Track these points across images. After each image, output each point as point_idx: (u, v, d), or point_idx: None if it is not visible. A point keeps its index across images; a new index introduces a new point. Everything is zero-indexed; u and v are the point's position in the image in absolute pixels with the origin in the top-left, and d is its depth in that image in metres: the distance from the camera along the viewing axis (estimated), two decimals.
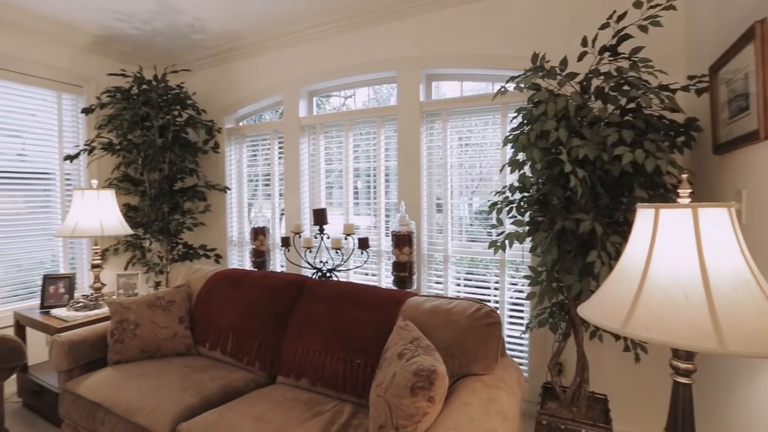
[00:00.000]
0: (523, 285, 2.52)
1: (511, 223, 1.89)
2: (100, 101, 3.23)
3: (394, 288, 2.36)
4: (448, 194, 2.70)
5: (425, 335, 1.76)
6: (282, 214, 3.42)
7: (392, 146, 2.92)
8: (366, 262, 2.65)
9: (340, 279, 2.60)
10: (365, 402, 1.81)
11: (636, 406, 2.22)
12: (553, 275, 1.85)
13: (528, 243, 2.11)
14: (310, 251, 2.59)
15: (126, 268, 3.36)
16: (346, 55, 2.99)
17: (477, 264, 2.68)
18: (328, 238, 2.57)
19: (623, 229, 1.70)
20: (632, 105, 1.76)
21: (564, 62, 1.79)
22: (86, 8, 2.84)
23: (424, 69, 2.72)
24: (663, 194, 1.69)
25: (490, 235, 2.61)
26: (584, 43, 1.76)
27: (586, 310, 1.10)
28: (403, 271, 2.40)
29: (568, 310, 1.89)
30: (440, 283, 2.75)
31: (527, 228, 1.87)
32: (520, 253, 2.46)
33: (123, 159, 3.33)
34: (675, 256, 0.95)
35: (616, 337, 1.86)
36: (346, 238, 2.51)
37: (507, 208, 1.95)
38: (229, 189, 3.60)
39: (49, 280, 2.79)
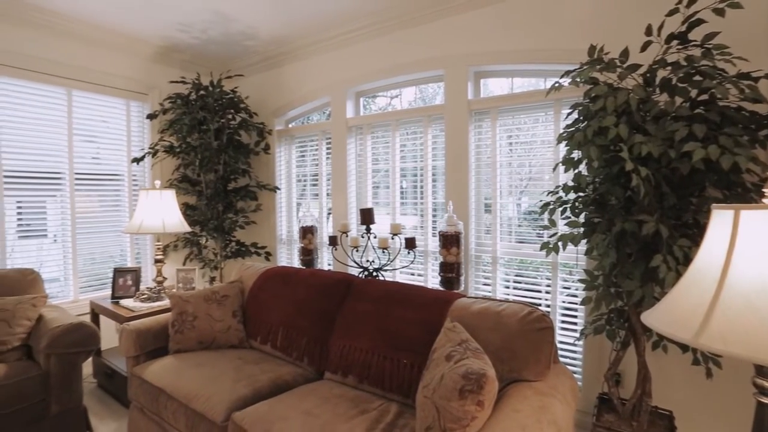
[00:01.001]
0: (577, 289, 2.40)
1: (565, 225, 1.80)
2: (162, 107, 3.45)
3: (441, 289, 2.33)
4: (497, 194, 2.63)
5: (473, 337, 1.73)
6: (329, 213, 3.49)
7: (439, 146, 2.89)
8: (413, 262, 2.64)
9: (386, 278, 2.61)
10: (411, 402, 1.81)
11: (706, 426, 2.04)
12: (611, 280, 1.75)
13: (583, 245, 2.00)
14: (357, 250, 2.62)
15: (184, 264, 3.57)
16: (393, 56, 3.00)
17: (527, 266, 2.59)
18: (374, 237, 2.59)
19: (693, 231, 1.57)
20: (704, 97, 1.62)
21: (625, 53, 1.68)
22: (152, 22, 3.05)
23: (473, 66, 2.67)
24: (741, 194, 1.54)
25: (540, 237, 2.51)
26: (648, 31, 1.64)
27: (652, 318, 1.02)
28: (451, 271, 2.37)
29: (627, 318, 1.77)
30: (488, 285, 2.68)
31: (582, 229, 1.78)
32: (574, 255, 2.35)
33: (182, 161, 3.54)
34: (760, 262, 0.86)
35: (684, 348, 1.72)
36: (392, 238, 2.51)
37: (560, 209, 1.86)
38: (278, 189, 3.72)
39: (118, 272, 3.02)
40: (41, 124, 3.03)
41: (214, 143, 3.30)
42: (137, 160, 3.33)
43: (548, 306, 2.45)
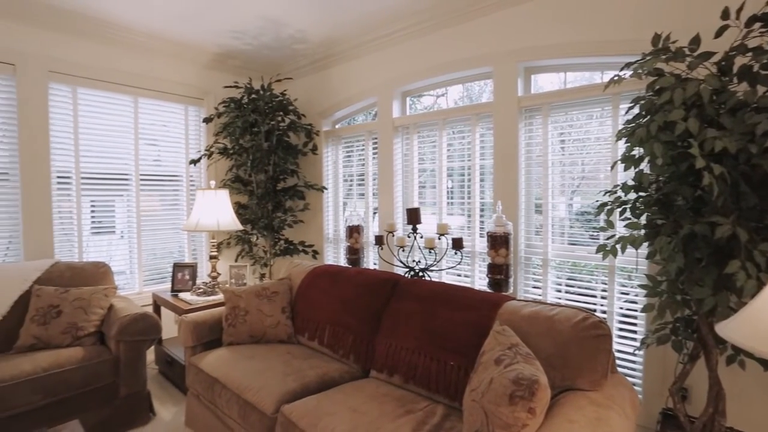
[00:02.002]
0: (636, 295, 2.25)
1: (624, 226, 1.70)
2: (217, 111, 3.63)
3: (489, 291, 2.27)
4: (548, 194, 2.53)
5: (524, 342, 1.67)
6: (375, 213, 3.51)
7: (487, 144, 2.82)
8: (460, 262, 2.60)
9: (433, 279, 2.59)
10: (458, 405, 1.78)
11: None
12: (678, 286, 1.62)
13: (644, 248, 1.88)
14: (403, 250, 2.61)
15: (236, 260, 3.73)
16: (439, 54, 2.96)
17: (580, 269, 2.46)
18: (421, 237, 2.57)
19: None
20: None
21: (695, 41, 1.55)
22: (209, 31, 3.22)
23: (522, 62, 2.58)
24: None
25: (595, 239, 2.38)
26: (725, 15, 1.50)
27: (729, 329, 0.94)
28: (499, 273, 2.31)
29: (697, 328, 1.64)
30: (538, 288, 2.58)
31: (644, 232, 1.67)
32: (634, 259, 2.21)
33: (235, 162, 3.70)
34: None
35: (766, 365, 1.56)
36: (439, 238, 2.48)
37: (619, 210, 1.75)
38: (325, 189, 3.80)
39: (177, 267, 3.21)
40: (112, 130, 3.29)
41: (264, 144, 3.43)
42: (194, 162, 3.52)
43: (604, 312, 2.32)
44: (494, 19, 2.67)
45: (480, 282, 2.83)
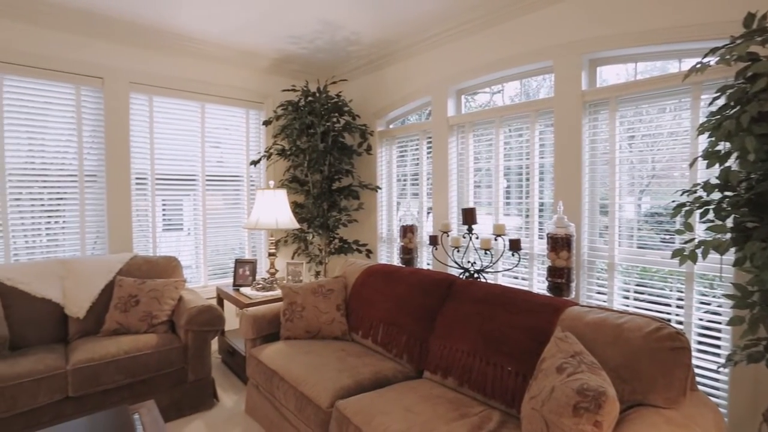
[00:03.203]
0: (720, 306, 2.04)
1: (706, 230, 1.54)
2: (276, 114, 3.78)
3: (549, 295, 2.17)
4: (615, 193, 2.36)
5: (588, 350, 1.57)
6: (429, 213, 3.49)
7: (547, 142, 2.70)
8: (517, 264, 2.50)
9: (488, 281, 2.52)
10: (515, 412, 1.71)
11: None
12: None
13: (731, 254, 1.70)
14: (458, 251, 2.57)
15: (293, 258, 3.87)
16: (496, 50, 2.88)
17: (651, 275, 2.28)
18: (476, 238, 2.51)
19: None
20: None
21: None
22: (269, 38, 3.36)
23: (586, 54, 2.43)
24: None
25: (668, 242, 2.19)
26: None
27: None
28: (560, 277, 2.19)
29: None
30: (603, 293, 2.43)
31: (730, 235, 1.50)
32: (717, 265, 2.00)
33: (292, 162, 3.84)
34: None
35: None
36: (495, 239, 2.41)
37: (699, 211, 1.60)
38: (379, 188, 3.83)
39: (239, 263, 3.39)
40: (182, 135, 3.54)
41: (320, 145, 3.52)
42: (254, 163, 3.70)
43: (680, 323, 2.13)
44: (555, 10, 2.55)
45: (539, 285, 2.71)
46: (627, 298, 2.35)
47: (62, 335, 2.57)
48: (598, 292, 2.45)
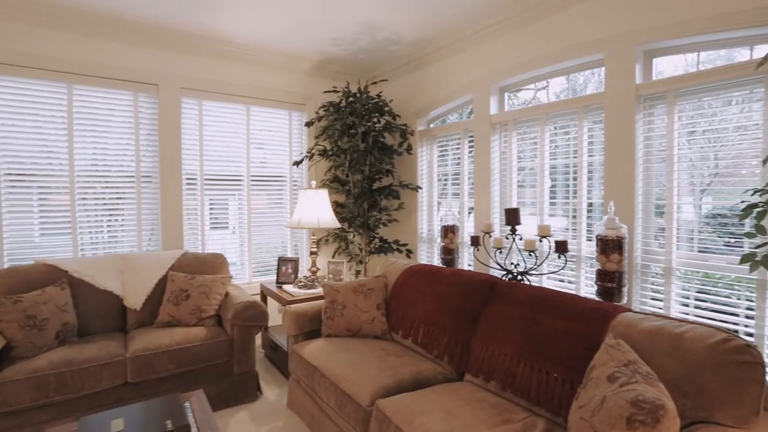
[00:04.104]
0: None
1: None
2: (317, 115, 3.85)
3: (599, 299, 2.07)
4: (673, 193, 2.21)
5: (643, 360, 1.48)
6: (470, 213, 3.43)
7: (596, 139, 2.58)
8: (563, 267, 2.41)
9: (532, 283, 2.44)
10: (561, 421, 1.64)
11: None
12: None
13: None
14: (501, 252, 2.50)
15: (333, 257, 3.92)
16: (540, 44, 2.78)
17: (715, 282, 2.11)
18: (520, 239, 2.44)
19: None
20: None
21: None
22: (310, 40, 3.43)
23: (641, 45, 2.30)
24: None
25: (735, 246, 2.02)
26: None
27: None
28: (610, 281, 2.09)
29: None
30: (658, 300, 2.28)
31: None
32: None
33: (333, 162, 3.90)
34: None
35: None
36: (540, 240, 2.33)
37: None
38: (420, 188, 3.81)
39: (281, 261, 3.48)
40: (228, 136, 3.69)
41: (361, 146, 3.55)
42: (297, 163, 3.78)
43: (750, 335, 1.96)
44: (605, 0, 2.42)
45: (586, 290, 2.59)
46: (686, 305, 2.20)
47: (121, 325, 2.75)
48: (653, 299, 2.31)
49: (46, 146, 2.98)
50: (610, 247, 2.10)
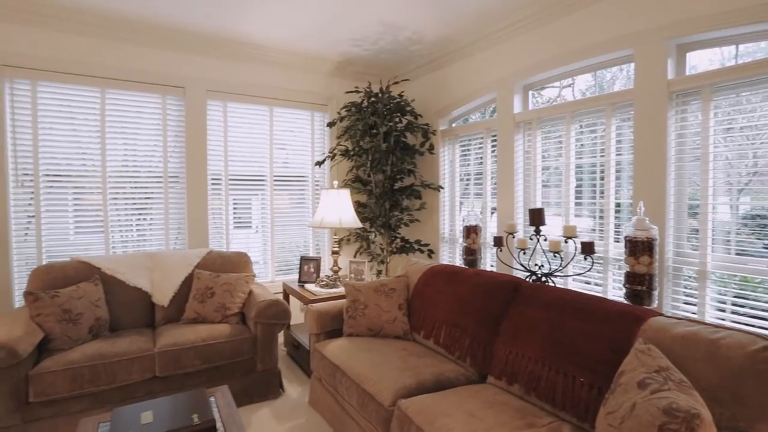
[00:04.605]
0: None
1: None
2: (339, 115, 3.87)
3: (627, 302, 2.00)
4: (708, 193, 2.12)
5: (676, 366, 1.43)
6: (493, 213, 3.38)
7: (625, 137, 2.50)
8: (590, 269, 2.34)
9: (557, 285, 2.38)
10: (588, 427, 1.60)
11: None
12: None
13: None
14: (524, 253, 2.46)
15: (355, 256, 3.94)
16: (566, 41, 2.72)
17: (755, 286, 2.02)
18: (544, 240, 2.39)
19: None
20: None
21: None
22: (332, 42, 3.46)
23: (673, 39, 2.21)
24: None
25: None
26: None
27: None
28: (640, 284, 2.02)
29: None
30: (691, 304, 2.19)
31: None
32: None
33: (355, 163, 3.91)
34: None
35: None
36: (566, 241, 2.28)
37: None
38: (442, 188, 3.78)
39: (304, 260, 3.52)
40: (252, 137, 3.75)
41: (382, 145, 3.55)
42: (319, 164, 3.82)
43: None
44: None
45: (614, 292, 2.52)
46: (722, 311, 2.10)
47: (150, 321, 2.84)
48: (686, 303, 2.22)
49: (80, 148, 3.10)
50: (639, 248, 2.03)
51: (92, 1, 2.74)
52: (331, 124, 3.89)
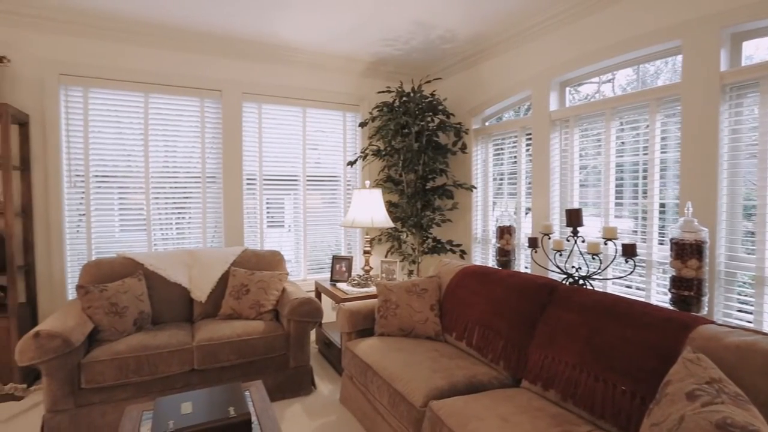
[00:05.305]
0: None
1: None
2: (371, 116, 3.88)
3: (673, 308, 1.90)
4: (767, 193, 1.98)
5: (729, 378, 1.34)
6: (527, 213, 3.29)
7: (670, 134, 2.37)
8: (631, 272, 2.24)
9: (595, 288, 2.29)
10: None
11: None
12: None
13: None
14: (560, 254, 2.38)
15: (386, 256, 3.94)
16: (606, 34, 2.60)
17: None
18: (582, 241, 2.30)
19: None
20: None
21: None
22: (364, 42, 3.47)
23: (727, 28, 2.08)
24: None
25: None
26: None
27: None
28: (688, 289, 1.90)
29: None
30: (746, 312, 2.05)
31: None
32: None
33: (387, 162, 3.91)
34: None
35: None
36: (605, 243, 2.18)
37: None
38: (474, 188, 3.72)
39: (336, 259, 3.55)
40: (286, 138, 3.82)
41: (414, 145, 3.53)
42: (351, 164, 3.84)
43: None
44: None
45: (657, 297, 2.39)
46: None
47: (188, 316, 2.95)
48: (740, 311, 2.08)
49: (125, 150, 3.26)
50: (687, 252, 1.92)
51: (138, 12, 2.88)
52: (363, 124, 3.91)
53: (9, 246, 2.65)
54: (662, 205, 2.42)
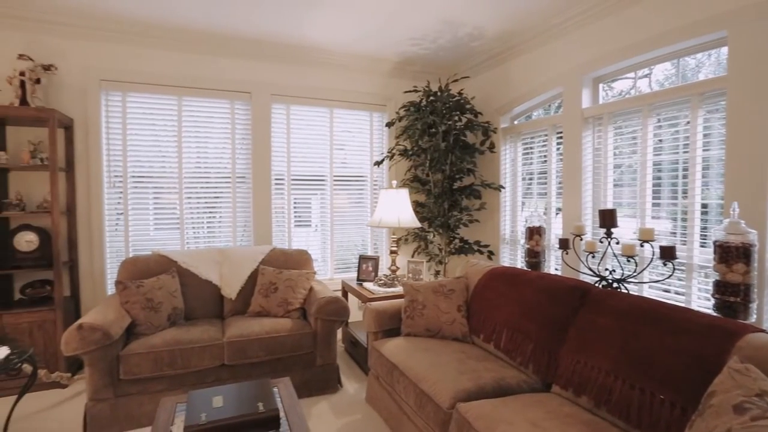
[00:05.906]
0: None
1: None
2: (398, 115, 3.88)
3: (717, 315, 1.80)
4: None
5: None
6: (557, 213, 3.21)
7: (713, 131, 2.25)
8: (670, 276, 2.14)
9: (631, 292, 2.20)
10: None
11: None
12: None
13: None
14: (593, 256, 2.30)
15: (412, 256, 3.92)
16: (642, 27, 2.50)
17: None
18: (617, 242, 2.22)
19: None
20: None
21: None
22: (390, 42, 3.47)
23: None
24: None
25: None
26: None
27: None
28: (734, 294, 1.80)
29: None
30: None
31: None
32: None
33: (413, 162, 3.89)
34: None
35: None
36: (641, 245, 2.09)
37: None
38: (503, 187, 3.66)
39: (362, 259, 3.56)
40: (313, 138, 3.87)
41: (441, 145, 3.50)
42: (378, 164, 3.85)
43: None
44: None
45: (699, 303, 2.28)
46: None
47: (219, 312, 3.03)
48: None
49: (160, 152, 3.39)
50: (732, 255, 1.81)
51: (172, 19, 2.98)
52: (389, 124, 3.91)
53: (55, 243, 2.80)
54: (704, 206, 2.30)
